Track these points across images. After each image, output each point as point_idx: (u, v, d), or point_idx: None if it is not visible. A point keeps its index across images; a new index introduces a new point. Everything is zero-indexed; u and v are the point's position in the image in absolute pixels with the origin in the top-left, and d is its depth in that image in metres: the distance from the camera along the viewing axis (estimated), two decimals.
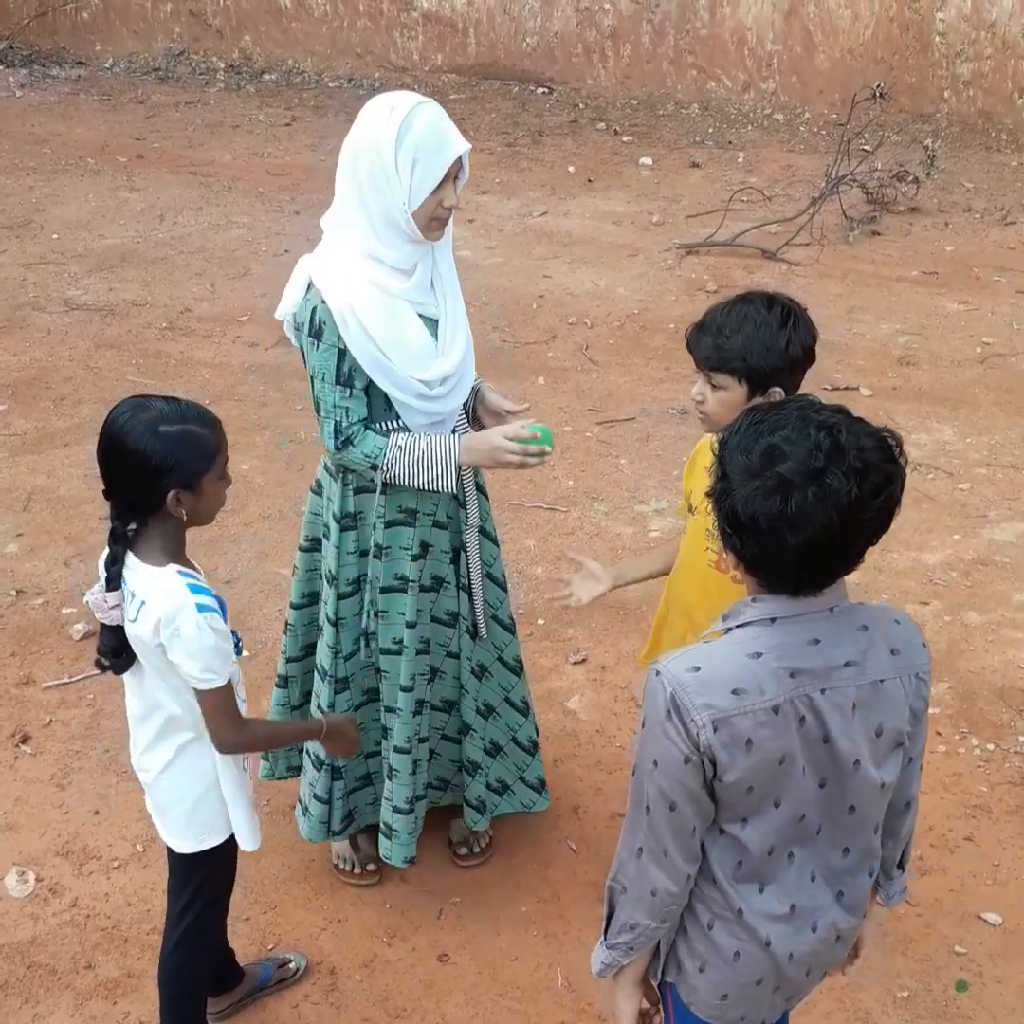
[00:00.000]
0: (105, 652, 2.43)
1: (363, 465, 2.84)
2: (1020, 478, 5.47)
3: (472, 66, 11.99)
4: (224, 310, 7.05)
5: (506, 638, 3.22)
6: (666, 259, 7.93)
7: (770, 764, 1.84)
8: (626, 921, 1.96)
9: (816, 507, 1.72)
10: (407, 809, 3.15)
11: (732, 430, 1.84)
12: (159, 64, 12.35)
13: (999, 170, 9.80)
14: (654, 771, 1.84)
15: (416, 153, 2.62)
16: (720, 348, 2.54)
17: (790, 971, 2.00)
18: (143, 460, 2.25)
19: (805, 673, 1.83)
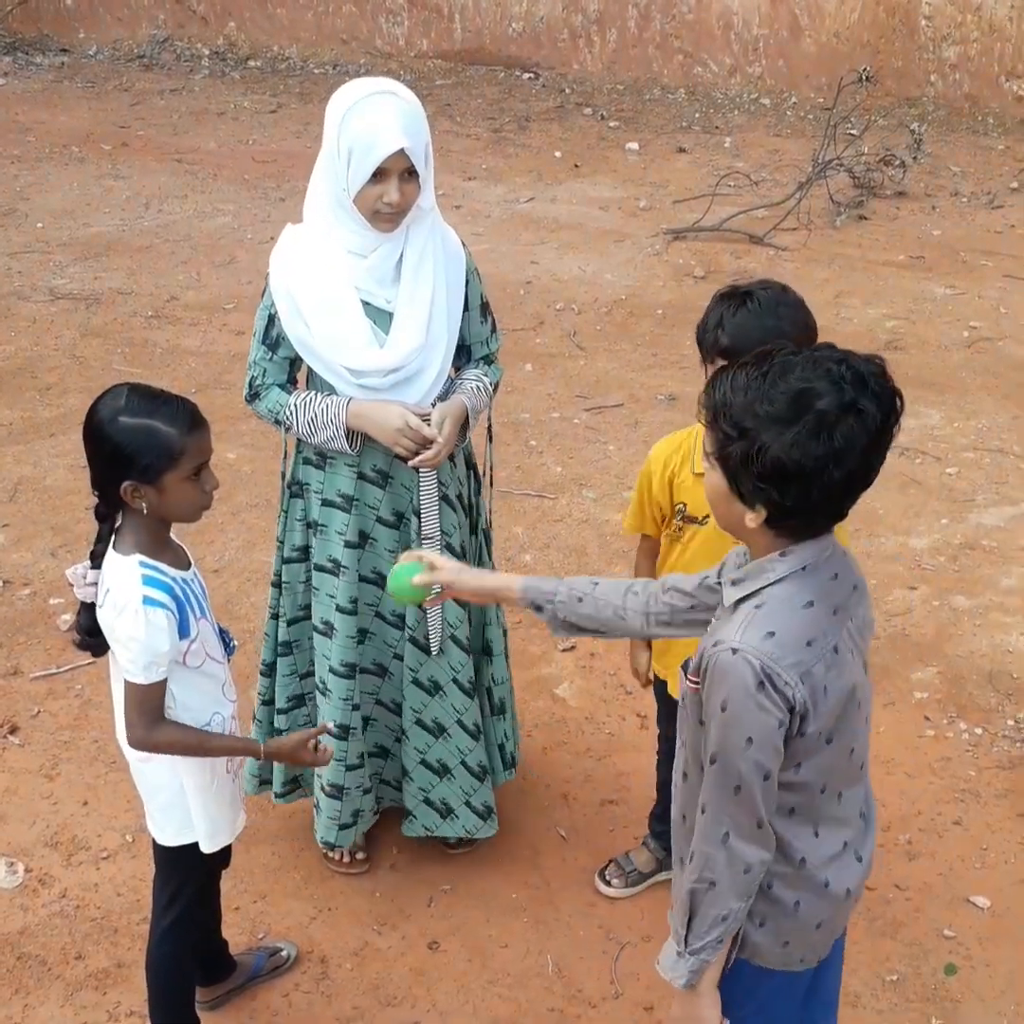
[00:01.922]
0: (81, 631, 2.43)
1: (269, 419, 2.91)
2: (1007, 462, 5.47)
3: (458, 52, 11.95)
4: (210, 298, 7.03)
5: (462, 659, 3.11)
6: (653, 245, 7.91)
7: (839, 704, 1.90)
8: (717, 914, 1.94)
9: (858, 436, 1.78)
10: (330, 793, 3.15)
11: (726, 389, 1.83)
12: (143, 51, 12.29)
13: (986, 154, 9.80)
14: (748, 748, 1.84)
15: (351, 144, 2.64)
16: (777, 331, 2.49)
17: (847, 906, 2.07)
18: (102, 445, 2.27)
19: (840, 608, 1.92)
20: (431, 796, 3.23)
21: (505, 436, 5.48)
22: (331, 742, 3.08)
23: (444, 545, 2.99)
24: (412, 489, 2.93)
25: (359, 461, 2.91)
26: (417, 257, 2.82)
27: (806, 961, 2.09)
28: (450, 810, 3.25)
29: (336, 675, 3.05)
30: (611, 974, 3.09)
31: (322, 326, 2.79)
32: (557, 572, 4.67)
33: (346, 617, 3.00)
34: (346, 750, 3.11)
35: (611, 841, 3.47)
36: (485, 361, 3.07)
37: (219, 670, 2.49)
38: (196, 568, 2.48)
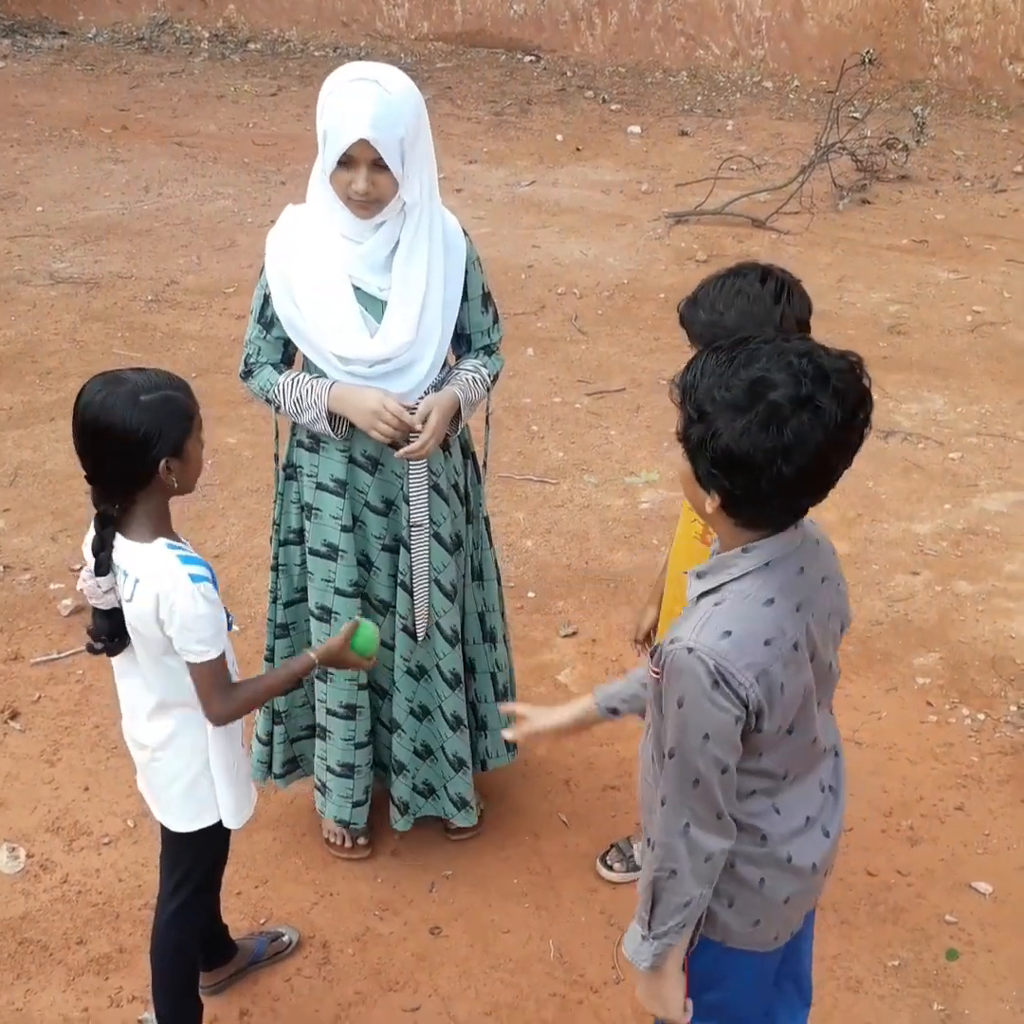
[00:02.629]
0: (99, 636, 2.39)
1: (260, 397, 2.91)
2: (1011, 447, 5.46)
3: (459, 34, 11.89)
4: (210, 282, 7.00)
5: (446, 648, 3.10)
6: (655, 228, 7.88)
7: (796, 699, 1.90)
8: (679, 902, 1.94)
9: (810, 433, 1.74)
10: (340, 772, 3.15)
11: (698, 371, 1.82)
12: (143, 33, 12.23)
13: (989, 137, 9.75)
14: (705, 744, 1.84)
15: (326, 127, 2.65)
16: (714, 324, 2.49)
17: (814, 880, 2.07)
18: (130, 434, 2.21)
19: (805, 603, 1.90)
20: (416, 780, 3.24)
21: (506, 421, 5.47)
22: (338, 723, 3.11)
23: (432, 534, 2.99)
24: (402, 476, 2.92)
25: (350, 446, 2.90)
26: (407, 247, 2.78)
27: (780, 938, 2.10)
28: (432, 791, 3.28)
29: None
30: (613, 959, 3.09)
31: (312, 310, 2.78)
32: (558, 557, 4.66)
33: (346, 600, 3.00)
34: (354, 729, 3.12)
35: (613, 826, 3.47)
36: (485, 351, 3.03)
37: (227, 645, 2.50)
38: None
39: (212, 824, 2.55)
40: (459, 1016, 2.95)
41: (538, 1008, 2.97)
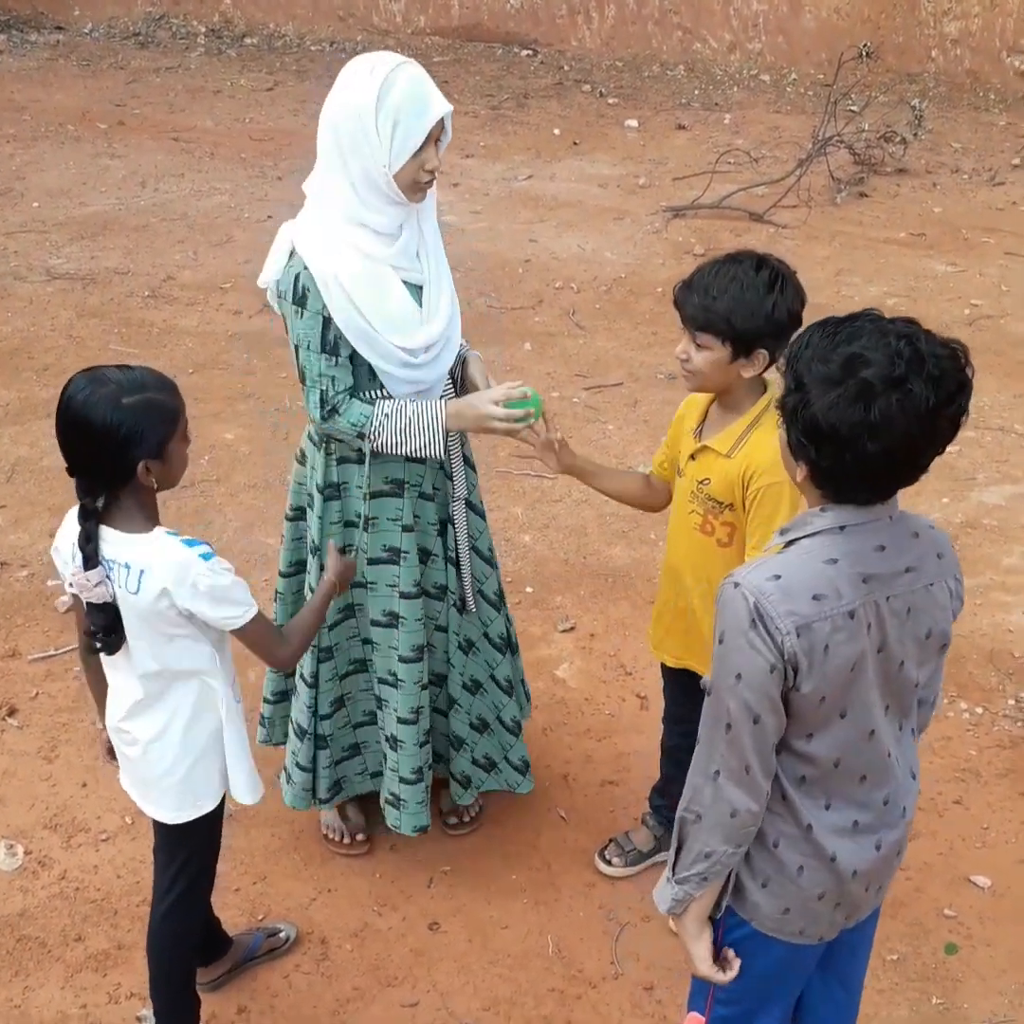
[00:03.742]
0: (96, 631, 2.37)
1: (350, 434, 2.80)
2: (1009, 441, 5.45)
3: (455, 28, 11.87)
4: (207, 277, 6.99)
5: (492, 614, 3.18)
6: (653, 222, 7.87)
7: (843, 671, 1.87)
8: (701, 850, 1.95)
9: (898, 414, 1.76)
10: (414, 779, 3.14)
11: (803, 343, 1.86)
12: (139, 29, 12.20)
13: (987, 130, 9.74)
14: (737, 684, 1.84)
15: (397, 115, 2.59)
16: (706, 309, 2.54)
17: (852, 887, 2.04)
18: (110, 434, 2.21)
19: (875, 579, 1.88)
20: (475, 754, 3.26)
21: None
22: (409, 730, 3.10)
23: (466, 503, 3.05)
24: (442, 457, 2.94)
25: None
26: (433, 229, 2.86)
27: (806, 934, 2.08)
28: (493, 764, 3.30)
29: (406, 662, 3.04)
30: (611, 954, 3.09)
31: (378, 313, 2.74)
32: (556, 552, 4.66)
33: (411, 602, 3.00)
34: (418, 731, 3.11)
35: (611, 822, 3.47)
36: None
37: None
38: None
39: (206, 812, 2.55)
40: (457, 1011, 2.95)
41: (537, 1003, 2.97)
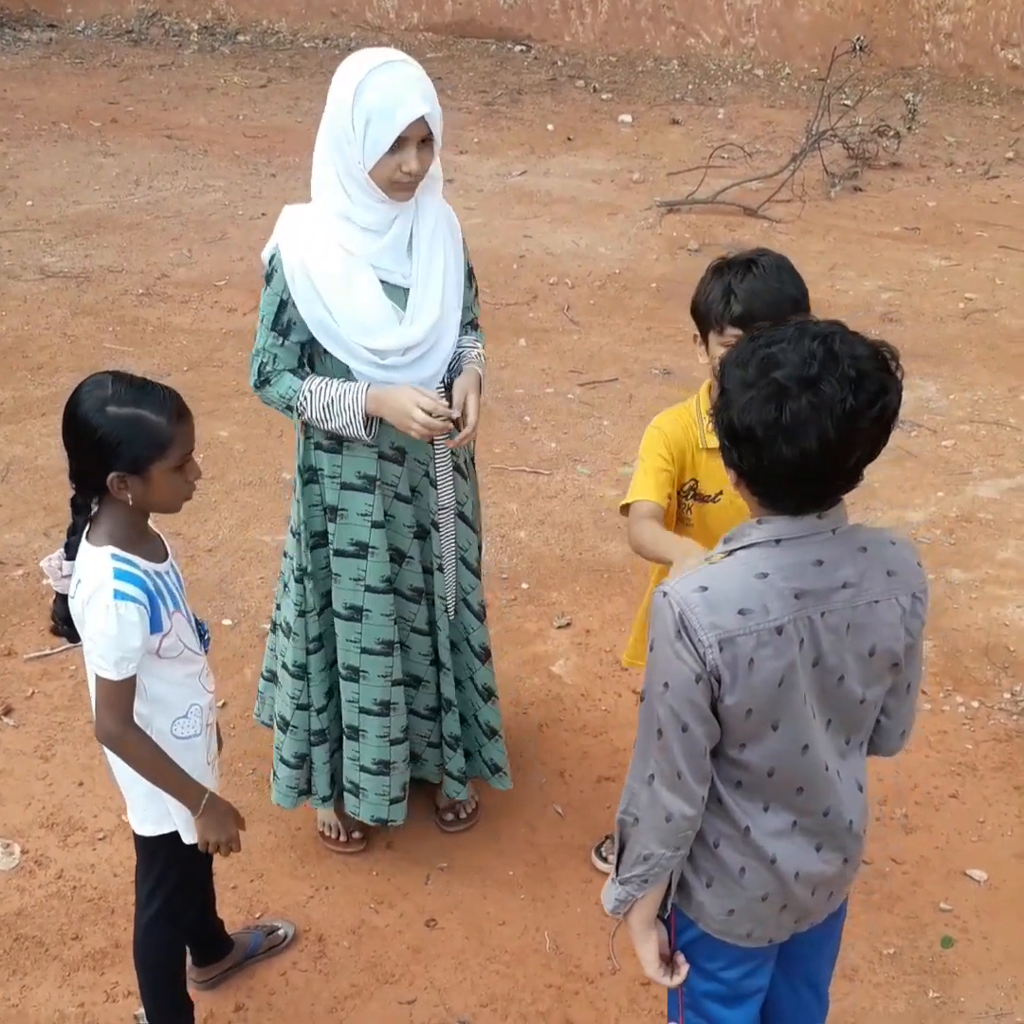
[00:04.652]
0: (55, 619, 2.41)
1: (279, 405, 2.86)
2: (1003, 434, 5.46)
3: (449, 24, 11.85)
4: (201, 275, 6.98)
5: (474, 623, 3.17)
6: (647, 217, 7.87)
7: (770, 685, 1.86)
8: (640, 852, 1.95)
9: (811, 415, 1.73)
10: (376, 770, 3.14)
11: (732, 351, 1.86)
12: (132, 26, 12.17)
13: (981, 123, 9.74)
14: (665, 693, 1.85)
15: (369, 114, 2.59)
16: (779, 291, 2.53)
17: (796, 889, 2.03)
18: (87, 436, 2.22)
19: (809, 594, 1.85)
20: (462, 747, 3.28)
21: (499, 412, 5.46)
22: (372, 720, 3.10)
23: (457, 514, 3.03)
24: (426, 462, 2.94)
25: (379, 441, 2.89)
26: (430, 230, 2.82)
27: (754, 937, 2.07)
28: (468, 754, 3.31)
29: (371, 654, 3.04)
30: (608, 950, 3.09)
31: (343, 309, 2.74)
32: (552, 549, 4.66)
33: (378, 596, 3.00)
34: (388, 726, 3.12)
35: (608, 817, 3.45)
36: (472, 326, 3.07)
37: (196, 660, 2.47)
38: (174, 559, 2.45)
39: (172, 831, 2.52)
40: (455, 1008, 2.95)
41: (534, 999, 2.98)
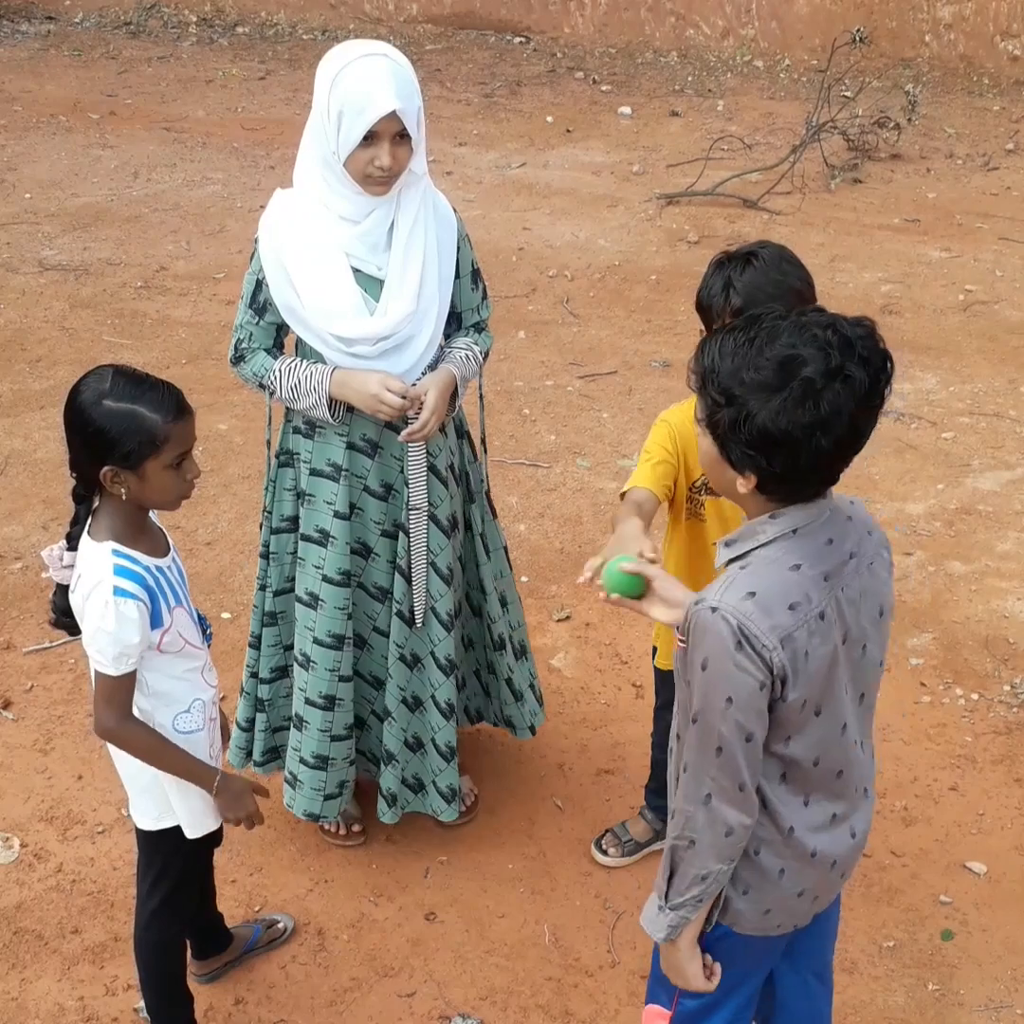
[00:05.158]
0: (55, 611, 2.40)
1: (253, 383, 2.89)
2: (1003, 426, 5.45)
3: (448, 16, 11.81)
4: (200, 268, 6.97)
5: (441, 634, 3.08)
6: (647, 210, 7.85)
7: (822, 672, 1.88)
8: (696, 873, 1.94)
9: (846, 402, 1.76)
10: (314, 764, 3.12)
11: (715, 355, 1.82)
12: (130, 18, 12.14)
13: (981, 115, 9.72)
14: (728, 708, 1.83)
15: (342, 106, 2.60)
16: (778, 284, 2.50)
17: (830, 876, 2.06)
18: (83, 427, 2.23)
19: (832, 575, 1.89)
20: (405, 772, 3.21)
21: (498, 404, 5.45)
22: (315, 713, 3.08)
23: (429, 516, 2.97)
24: (402, 460, 2.91)
25: (349, 431, 2.88)
26: (410, 224, 2.79)
27: (783, 927, 2.09)
28: (421, 785, 3.24)
29: (322, 646, 3.03)
30: (608, 943, 3.09)
31: (312, 294, 2.77)
32: (551, 542, 4.65)
33: (334, 588, 2.98)
34: (331, 721, 3.09)
35: (607, 811, 3.47)
36: (476, 329, 3.04)
37: (198, 655, 2.46)
38: (175, 553, 2.45)
39: (174, 826, 2.52)
40: (454, 1001, 2.95)
41: (533, 992, 2.98)
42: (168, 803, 2.49)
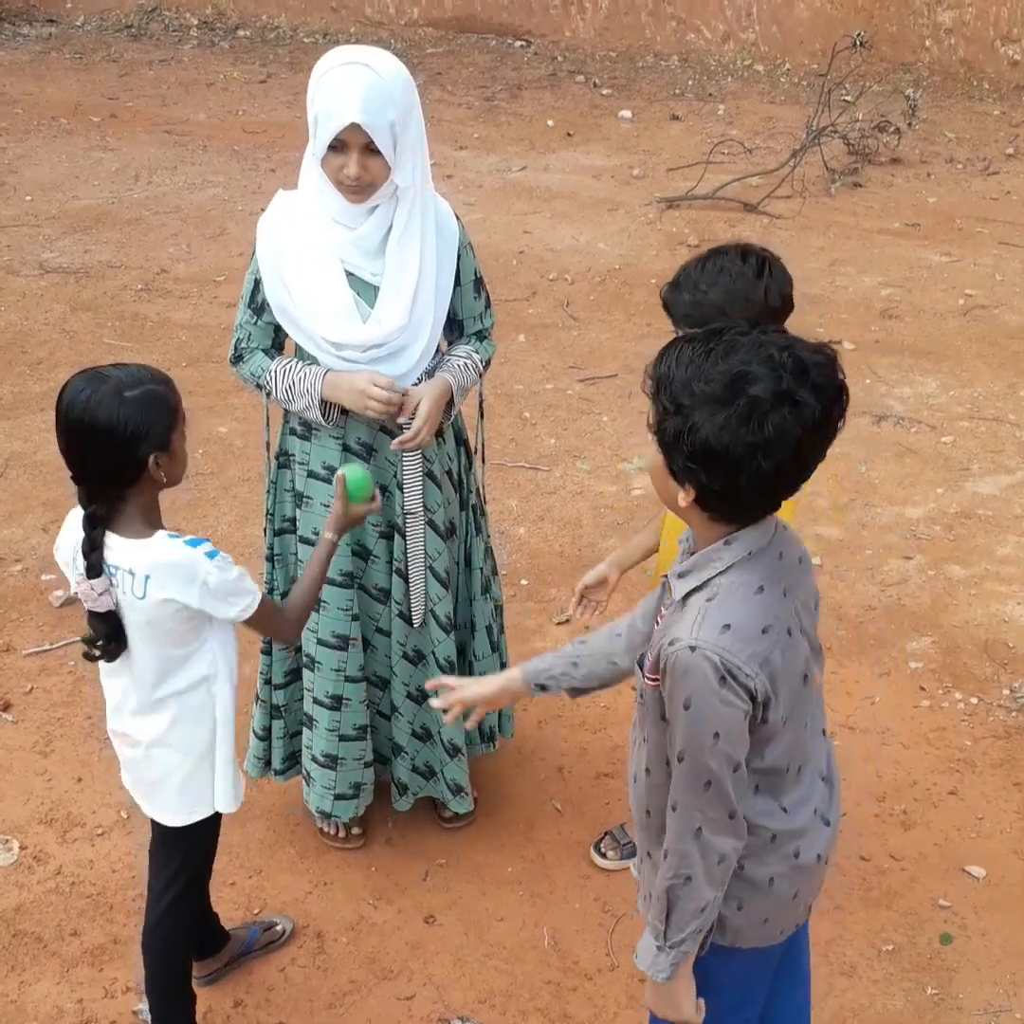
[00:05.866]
0: (97, 640, 2.35)
1: (251, 383, 2.92)
2: (1003, 431, 5.45)
3: (449, 19, 11.83)
4: (200, 270, 6.98)
5: (440, 635, 3.09)
6: (647, 213, 7.86)
7: (796, 685, 1.89)
8: (695, 907, 1.92)
9: (791, 428, 1.72)
10: (324, 763, 3.14)
11: (671, 362, 1.80)
12: (131, 21, 12.15)
13: (981, 119, 9.73)
14: (716, 743, 1.82)
15: (317, 111, 2.64)
16: (699, 304, 2.48)
17: (818, 870, 2.07)
18: (118, 431, 2.19)
19: (789, 588, 1.90)
20: (416, 761, 3.24)
21: (498, 408, 5.45)
22: (323, 713, 3.09)
23: (427, 521, 2.98)
24: (396, 463, 2.91)
25: (344, 433, 2.89)
26: (401, 231, 2.78)
27: (785, 932, 2.09)
28: (432, 772, 3.28)
29: (326, 647, 3.03)
30: (607, 946, 3.09)
31: (304, 296, 2.78)
32: (551, 545, 4.65)
33: (336, 590, 2.99)
34: (339, 721, 3.11)
35: (606, 814, 3.47)
36: (477, 337, 3.02)
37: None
38: None
39: (207, 816, 2.55)
40: (453, 1004, 2.95)
41: (532, 995, 2.98)
42: (203, 793, 2.50)
